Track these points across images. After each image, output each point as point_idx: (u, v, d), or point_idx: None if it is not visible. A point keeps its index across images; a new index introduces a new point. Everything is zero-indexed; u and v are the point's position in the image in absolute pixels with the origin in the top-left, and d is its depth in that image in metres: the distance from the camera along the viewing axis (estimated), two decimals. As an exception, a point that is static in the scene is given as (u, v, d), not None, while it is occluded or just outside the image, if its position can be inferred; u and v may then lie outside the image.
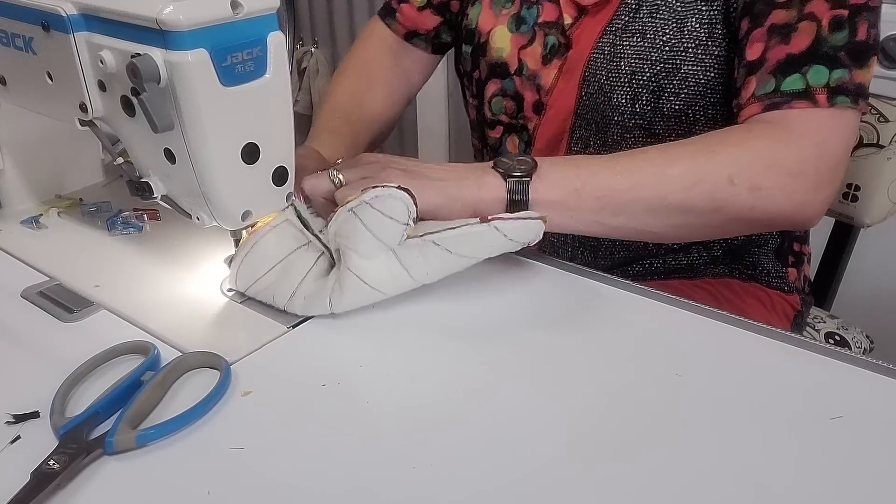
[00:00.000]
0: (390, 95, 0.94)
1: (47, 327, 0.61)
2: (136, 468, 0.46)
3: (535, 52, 0.80)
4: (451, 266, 0.61)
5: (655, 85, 0.73)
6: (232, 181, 0.58)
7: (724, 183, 0.63)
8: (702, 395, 0.52)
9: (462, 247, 0.59)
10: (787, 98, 0.65)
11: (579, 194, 0.64)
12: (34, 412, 0.50)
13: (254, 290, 0.62)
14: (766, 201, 0.64)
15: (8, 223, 0.77)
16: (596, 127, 0.78)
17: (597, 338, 0.58)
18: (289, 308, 0.61)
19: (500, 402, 0.51)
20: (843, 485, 0.44)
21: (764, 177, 0.64)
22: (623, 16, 0.75)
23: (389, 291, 0.61)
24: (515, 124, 0.85)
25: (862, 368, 0.54)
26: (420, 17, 0.93)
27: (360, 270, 0.59)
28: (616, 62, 0.75)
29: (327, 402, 0.52)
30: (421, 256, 0.59)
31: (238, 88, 0.54)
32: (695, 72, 0.72)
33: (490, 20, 0.83)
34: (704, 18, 0.72)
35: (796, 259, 0.91)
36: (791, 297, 0.89)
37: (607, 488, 0.44)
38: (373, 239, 0.59)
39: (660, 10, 0.73)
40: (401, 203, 0.58)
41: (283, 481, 0.45)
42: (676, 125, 0.75)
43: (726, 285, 0.86)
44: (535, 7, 0.80)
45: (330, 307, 0.60)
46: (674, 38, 0.72)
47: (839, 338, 1.00)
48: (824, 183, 0.65)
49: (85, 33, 0.56)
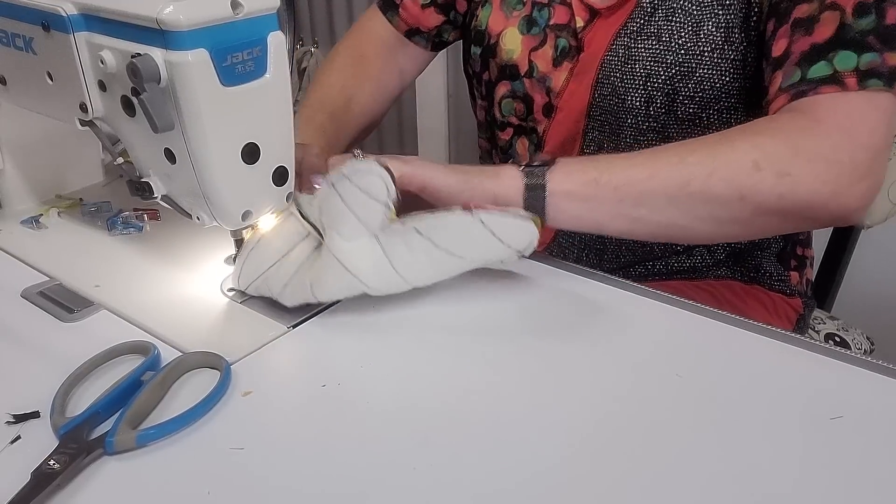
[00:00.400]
0: (381, 93, 0.94)
1: (47, 327, 0.60)
2: (136, 468, 0.46)
3: (546, 54, 0.80)
4: (440, 265, 0.60)
5: (670, 88, 0.73)
6: (232, 181, 0.58)
7: (748, 168, 0.60)
8: (703, 396, 0.52)
9: (447, 239, 0.58)
10: (814, 84, 0.62)
11: (597, 184, 0.62)
12: (34, 412, 0.50)
13: (254, 287, 0.62)
14: (797, 188, 0.60)
15: (8, 223, 0.77)
16: (609, 129, 0.78)
17: (598, 339, 0.58)
18: (280, 298, 0.60)
19: (501, 404, 0.51)
20: (844, 485, 0.44)
21: (791, 163, 0.60)
22: (638, 18, 0.74)
23: (373, 283, 0.59)
24: (525, 126, 0.84)
25: (862, 369, 0.54)
26: (423, 15, 0.92)
27: (340, 253, 0.59)
28: (631, 65, 0.74)
29: (327, 403, 0.52)
30: (404, 246, 0.59)
31: (238, 88, 0.54)
32: (710, 75, 0.72)
33: (501, 22, 0.83)
34: (721, 22, 0.71)
35: (799, 263, 0.91)
36: (793, 300, 0.89)
37: (608, 489, 0.44)
38: (354, 219, 0.58)
39: (676, 14, 0.73)
40: (379, 179, 0.58)
41: (282, 482, 0.45)
42: (690, 128, 0.75)
43: (728, 287, 0.86)
44: (547, 9, 0.80)
45: (312, 293, 0.59)
46: (689, 42, 0.72)
47: (839, 339, 1.00)
48: (861, 173, 0.61)
49: (85, 33, 0.56)
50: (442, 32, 0.93)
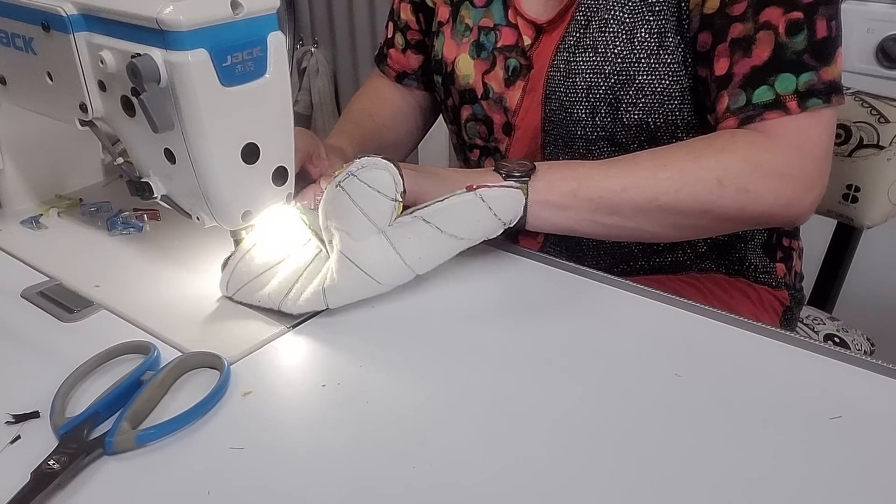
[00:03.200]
0: (401, 117, 0.98)
1: (47, 327, 0.61)
2: (136, 468, 0.46)
3: (497, 75, 0.82)
4: (442, 249, 0.61)
5: (612, 97, 0.75)
6: (232, 181, 0.58)
7: (713, 185, 0.66)
8: (701, 395, 0.52)
9: (451, 222, 0.60)
10: (760, 110, 0.68)
11: (575, 195, 0.67)
12: (34, 412, 0.50)
13: (241, 295, 0.62)
14: (755, 202, 0.67)
15: (8, 223, 0.77)
16: (563, 142, 0.80)
17: (593, 336, 0.58)
18: (283, 307, 0.60)
19: (499, 403, 0.51)
20: (844, 485, 0.44)
21: (750, 179, 0.66)
22: (574, 32, 0.76)
23: (385, 279, 0.60)
24: (489, 147, 0.87)
25: (862, 368, 0.54)
26: (405, 59, 0.97)
27: (352, 253, 0.59)
28: (572, 78, 0.76)
29: (327, 402, 0.52)
30: (413, 236, 0.60)
31: (238, 88, 0.55)
32: (649, 81, 0.73)
33: (453, 50, 0.86)
34: (654, 28, 0.73)
35: (785, 254, 0.91)
36: (779, 292, 0.89)
37: (608, 488, 0.44)
38: (363, 218, 0.58)
39: (608, 24, 0.74)
40: (386, 173, 0.58)
41: (282, 482, 0.45)
42: (638, 133, 0.76)
43: (713, 280, 0.86)
44: (493, 32, 0.83)
45: (325, 300, 0.60)
46: (625, 50, 0.73)
47: (839, 340, 0.99)
48: (811, 184, 0.68)
49: (85, 33, 0.56)
50: (427, 71, 0.97)
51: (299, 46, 2.37)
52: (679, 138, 0.76)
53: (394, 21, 0.96)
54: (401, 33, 0.96)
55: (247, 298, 0.62)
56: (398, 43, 0.96)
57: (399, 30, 0.96)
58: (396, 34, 0.96)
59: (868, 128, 0.95)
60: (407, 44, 0.96)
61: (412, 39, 0.95)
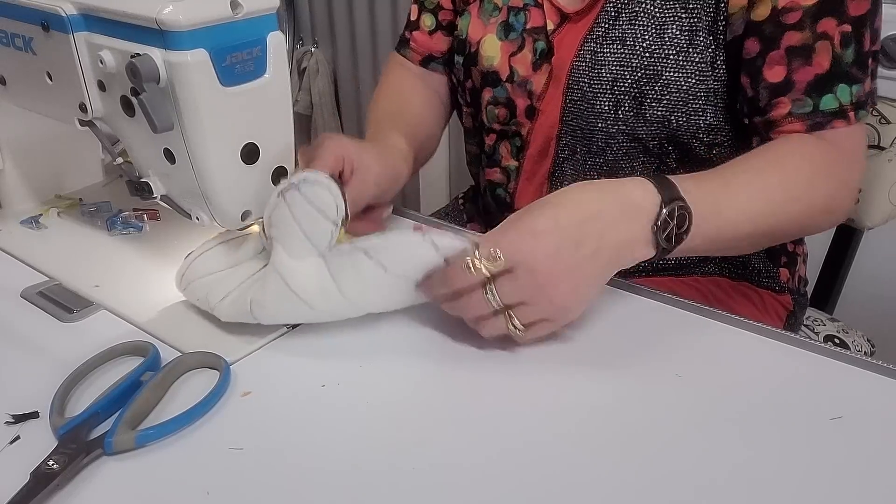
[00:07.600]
0: (428, 109, 0.95)
1: (47, 327, 0.60)
2: (135, 468, 0.46)
3: (525, 58, 0.81)
4: (390, 291, 0.57)
5: (637, 91, 0.74)
6: (231, 181, 0.58)
7: (819, 212, 0.69)
8: (701, 395, 0.52)
9: (395, 261, 0.55)
10: (828, 118, 0.69)
11: (714, 241, 0.62)
12: (34, 412, 0.50)
13: (188, 292, 0.61)
14: (832, 221, 0.72)
15: (8, 223, 0.77)
16: (581, 133, 0.79)
17: (593, 336, 0.58)
18: (215, 312, 0.58)
19: (499, 403, 0.51)
20: (844, 485, 0.44)
21: (839, 200, 0.70)
22: (603, 23, 0.76)
23: (319, 306, 0.57)
24: (507, 131, 0.86)
25: (862, 369, 0.54)
26: (432, 41, 0.94)
27: (285, 270, 0.56)
28: (598, 69, 0.76)
29: (327, 402, 0.52)
30: (352, 268, 0.56)
31: (238, 88, 0.55)
32: (676, 78, 0.73)
33: (479, 30, 0.84)
34: (685, 26, 0.72)
35: (789, 259, 0.90)
36: (782, 297, 0.89)
37: (609, 488, 0.44)
38: (301, 236, 0.56)
39: (639, 17, 0.74)
40: (328, 194, 0.56)
41: (282, 482, 0.45)
42: (659, 130, 0.76)
43: (716, 283, 0.86)
44: (523, 13, 0.81)
45: (251, 313, 0.57)
46: (654, 45, 0.73)
47: (839, 340, 0.99)
48: (857, 193, 0.73)
49: (85, 33, 0.56)
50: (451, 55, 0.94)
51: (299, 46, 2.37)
52: (699, 138, 0.75)
53: (419, 3, 0.94)
54: (430, 14, 0.93)
55: (190, 296, 0.61)
56: (425, 25, 0.93)
57: (429, 11, 0.93)
58: (423, 15, 0.94)
59: (869, 128, 0.94)
60: (438, 25, 0.93)
61: (444, 20, 0.92)
